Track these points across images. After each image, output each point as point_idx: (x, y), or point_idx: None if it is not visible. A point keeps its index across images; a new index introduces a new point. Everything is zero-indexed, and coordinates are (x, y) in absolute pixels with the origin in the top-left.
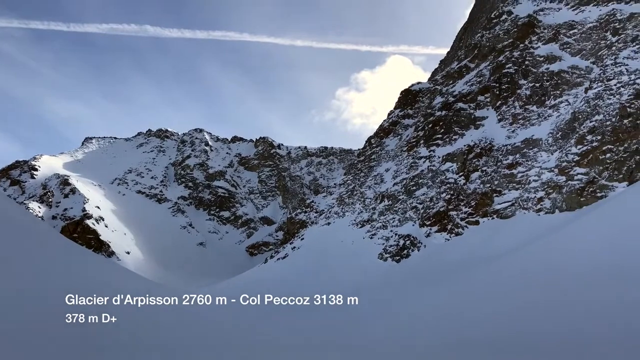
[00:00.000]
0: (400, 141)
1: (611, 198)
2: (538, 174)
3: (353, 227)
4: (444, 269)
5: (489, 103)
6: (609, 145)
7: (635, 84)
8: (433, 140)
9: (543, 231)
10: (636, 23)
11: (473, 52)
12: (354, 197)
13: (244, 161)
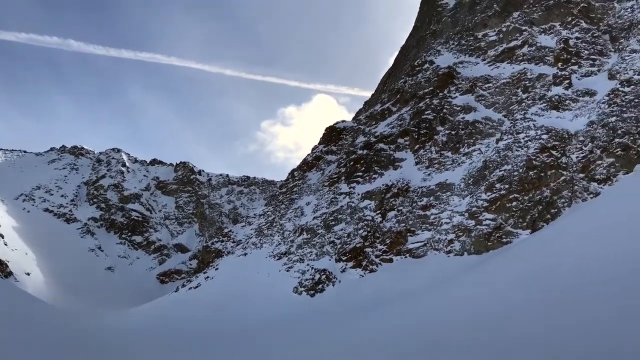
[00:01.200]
0: (322, 176)
1: (515, 244)
2: (450, 216)
3: (270, 259)
4: (356, 306)
5: (408, 146)
6: (515, 194)
7: (541, 139)
8: (354, 178)
9: (452, 272)
10: (544, 83)
11: (396, 96)
12: (273, 228)
13: (162, 185)
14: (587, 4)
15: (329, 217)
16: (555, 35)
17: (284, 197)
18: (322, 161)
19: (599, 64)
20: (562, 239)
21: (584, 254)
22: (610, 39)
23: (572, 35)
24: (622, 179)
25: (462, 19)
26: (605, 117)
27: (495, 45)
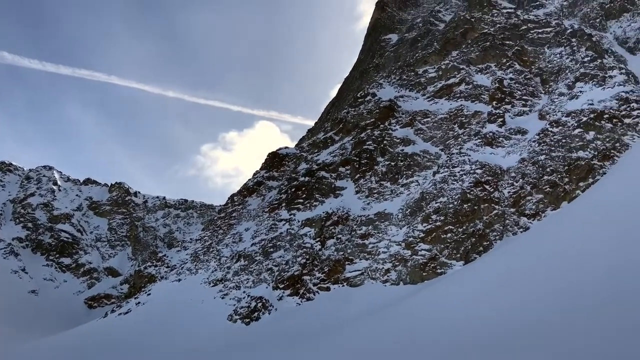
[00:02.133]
0: (262, 202)
1: (449, 275)
2: (387, 246)
3: (205, 286)
4: (292, 334)
5: (349, 175)
6: (450, 225)
7: (475, 173)
8: (294, 204)
9: (388, 301)
10: (479, 120)
11: (339, 125)
12: (210, 254)
13: (95, 206)
14: (521, 47)
15: (268, 244)
16: (490, 75)
17: (223, 222)
18: (263, 187)
19: (530, 104)
20: (493, 272)
21: (512, 288)
22: (541, 82)
23: (506, 76)
24: (549, 214)
25: (404, 55)
26: (535, 155)
27: (435, 81)
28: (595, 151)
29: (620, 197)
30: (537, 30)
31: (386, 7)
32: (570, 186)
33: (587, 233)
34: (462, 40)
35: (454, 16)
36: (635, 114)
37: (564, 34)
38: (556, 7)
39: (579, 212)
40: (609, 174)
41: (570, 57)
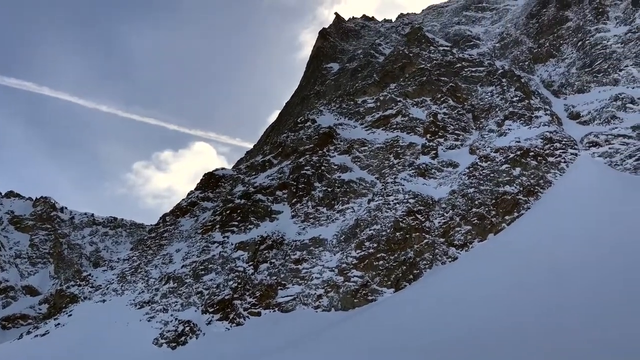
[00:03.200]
0: (196, 223)
1: (380, 302)
2: (320, 272)
3: (131, 308)
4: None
5: (285, 199)
6: (382, 253)
7: (408, 202)
8: (229, 227)
9: (318, 328)
10: (414, 151)
11: (278, 149)
12: (138, 275)
13: (17, 220)
14: (455, 84)
15: (199, 266)
16: (426, 109)
17: (153, 242)
18: (197, 207)
19: (462, 139)
20: (422, 300)
21: (440, 316)
22: (473, 118)
23: (440, 111)
24: (477, 245)
25: (344, 84)
26: (465, 187)
27: (373, 112)
28: (520, 186)
29: (543, 231)
30: (470, 68)
31: (329, 36)
32: (497, 219)
33: (511, 265)
34: (400, 73)
35: (393, 50)
36: (557, 153)
37: (496, 73)
38: (489, 48)
39: (504, 244)
40: (532, 208)
41: (501, 96)
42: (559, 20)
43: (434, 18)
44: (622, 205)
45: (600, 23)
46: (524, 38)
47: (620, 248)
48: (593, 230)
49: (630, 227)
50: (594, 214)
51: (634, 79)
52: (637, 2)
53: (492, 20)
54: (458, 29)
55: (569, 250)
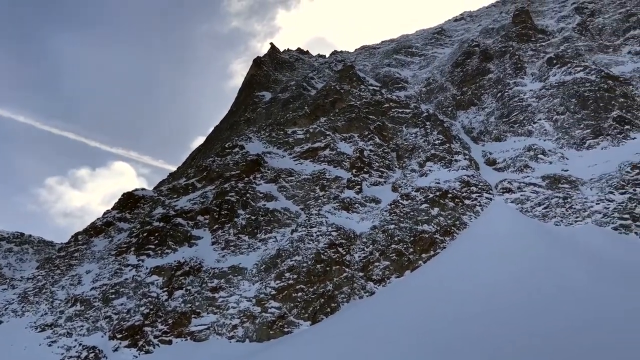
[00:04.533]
0: (110, 244)
1: (296, 334)
2: (237, 301)
3: (31, 330)
4: None
5: (207, 224)
6: (302, 285)
7: (331, 235)
8: (145, 250)
9: (232, 358)
10: (339, 185)
11: (202, 173)
12: (42, 295)
13: None
14: (382, 123)
15: (110, 289)
16: (353, 145)
17: (62, 262)
18: (112, 228)
19: (385, 176)
20: (338, 334)
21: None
22: (397, 157)
23: (367, 147)
24: (394, 281)
25: (275, 113)
26: (386, 223)
27: (302, 143)
28: (438, 226)
29: (457, 271)
30: (397, 109)
31: (263, 65)
32: (414, 256)
33: (426, 302)
34: (330, 108)
35: (325, 85)
36: (474, 196)
37: (420, 116)
38: (416, 91)
39: (420, 281)
40: (448, 248)
41: (424, 138)
42: (482, 71)
43: (365, 58)
44: (531, 250)
45: (519, 77)
46: (449, 85)
47: (526, 290)
48: (503, 273)
49: (536, 271)
50: (504, 256)
51: (546, 132)
52: (551, 61)
53: (420, 66)
54: (388, 71)
55: (480, 289)
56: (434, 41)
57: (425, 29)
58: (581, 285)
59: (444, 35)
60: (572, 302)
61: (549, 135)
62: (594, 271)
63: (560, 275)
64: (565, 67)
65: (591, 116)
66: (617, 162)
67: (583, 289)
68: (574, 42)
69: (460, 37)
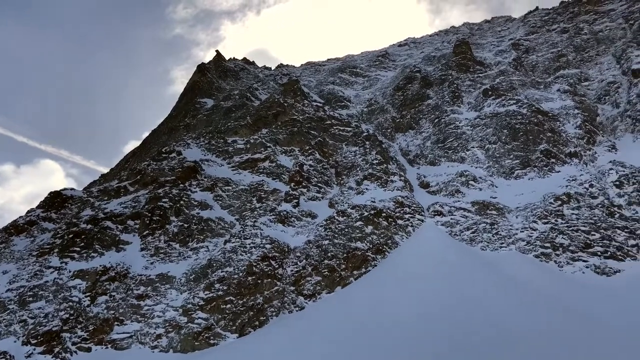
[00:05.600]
0: (32, 244)
1: (222, 347)
2: (163, 310)
3: None
4: None
5: (137, 230)
6: (231, 296)
7: (265, 247)
8: (69, 252)
9: None
10: (276, 197)
11: (136, 177)
12: None
13: None
14: (323, 139)
15: (27, 292)
16: (293, 158)
17: None
18: (36, 227)
19: (323, 192)
20: (265, 348)
21: None
22: (335, 173)
23: (307, 162)
24: (324, 297)
25: (216, 121)
26: (320, 239)
27: (242, 153)
28: (371, 244)
29: (386, 289)
30: (339, 127)
31: (207, 72)
32: (346, 273)
33: (355, 318)
34: (273, 120)
35: (270, 97)
36: (407, 217)
37: (360, 135)
38: (358, 111)
39: (350, 298)
40: (379, 266)
41: (363, 157)
42: (421, 96)
43: (311, 74)
44: (457, 273)
45: (455, 105)
46: (390, 107)
47: (449, 312)
48: (430, 293)
49: (460, 293)
50: (432, 277)
51: (478, 160)
52: (487, 92)
53: (363, 86)
54: (332, 89)
55: (407, 308)
56: (378, 64)
57: (370, 51)
58: (500, 309)
59: (388, 59)
60: (489, 324)
61: (481, 163)
62: (515, 296)
63: (482, 298)
64: (500, 99)
65: (520, 147)
66: (541, 193)
67: (502, 313)
68: (509, 76)
69: (403, 62)
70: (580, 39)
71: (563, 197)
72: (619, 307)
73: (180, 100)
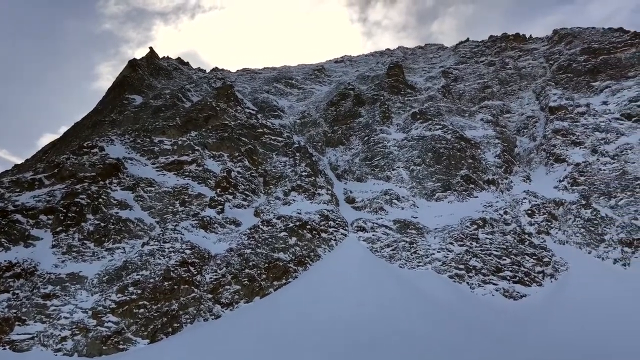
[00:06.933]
0: None
1: (131, 352)
2: (71, 311)
3: None
4: None
5: (49, 225)
6: (145, 301)
7: (184, 253)
8: None
9: None
10: (201, 202)
11: (53, 170)
12: None
13: None
14: (254, 147)
15: None
16: (221, 164)
17: None
18: None
19: (249, 200)
20: (177, 355)
21: None
22: (264, 182)
23: (235, 169)
24: (242, 306)
25: (144, 119)
26: (242, 247)
27: (168, 154)
28: (293, 255)
29: (305, 301)
30: (270, 136)
31: (138, 68)
32: (266, 283)
33: (270, 329)
34: (203, 123)
35: (202, 99)
36: (331, 230)
37: (291, 146)
38: (290, 122)
39: (268, 308)
40: (299, 278)
41: (292, 168)
42: (353, 114)
43: (246, 80)
44: (375, 288)
45: (385, 125)
46: (322, 121)
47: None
48: (347, 307)
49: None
50: (350, 291)
51: (402, 180)
52: (415, 116)
53: (298, 98)
54: (266, 97)
55: (322, 324)
56: (313, 77)
57: (307, 64)
58: (414, 326)
59: (324, 74)
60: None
61: (405, 183)
62: (425, 312)
63: (398, 314)
64: (427, 123)
65: (443, 171)
66: (459, 216)
67: (415, 330)
68: (437, 102)
69: (338, 78)
70: (505, 73)
71: (479, 221)
72: (523, 329)
73: (107, 95)
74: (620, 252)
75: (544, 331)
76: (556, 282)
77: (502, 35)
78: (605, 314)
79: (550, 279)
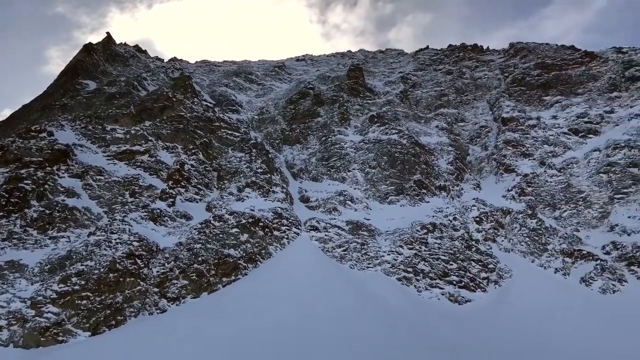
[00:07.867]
0: None
1: (71, 344)
2: (8, 301)
3: None
4: None
5: None
6: (89, 292)
7: (132, 245)
8: None
9: None
10: (151, 194)
11: None
12: None
13: None
14: (209, 140)
15: None
16: (175, 156)
17: None
18: None
19: (202, 194)
20: (119, 348)
21: None
22: (217, 177)
23: (188, 162)
24: (189, 301)
25: (97, 105)
26: (192, 242)
27: (120, 143)
28: (244, 252)
29: (254, 298)
30: (227, 130)
31: (93, 53)
32: (215, 279)
33: (216, 325)
34: (158, 114)
35: (158, 89)
36: (284, 229)
37: (248, 142)
38: (248, 117)
39: (215, 304)
40: (249, 275)
41: (247, 164)
42: (312, 113)
43: (204, 73)
44: (325, 288)
45: (343, 127)
46: (280, 119)
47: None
48: (295, 306)
49: (325, 308)
50: (299, 290)
51: (357, 181)
52: (373, 119)
53: (257, 94)
54: (225, 91)
55: (270, 318)
56: (274, 74)
57: (268, 61)
58: (361, 327)
59: (284, 71)
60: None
61: (359, 185)
62: (372, 313)
63: (346, 315)
64: (384, 127)
65: (397, 175)
66: (410, 220)
67: (361, 330)
68: (394, 107)
69: (298, 76)
70: (461, 82)
71: (429, 226)
72: (466, 334)
73: (59, 79)
74: (562, 262)
75: (486, 336)
76: (500, 289)
77: (460, 45)
78: (545, 320)
79: (494, 285)
